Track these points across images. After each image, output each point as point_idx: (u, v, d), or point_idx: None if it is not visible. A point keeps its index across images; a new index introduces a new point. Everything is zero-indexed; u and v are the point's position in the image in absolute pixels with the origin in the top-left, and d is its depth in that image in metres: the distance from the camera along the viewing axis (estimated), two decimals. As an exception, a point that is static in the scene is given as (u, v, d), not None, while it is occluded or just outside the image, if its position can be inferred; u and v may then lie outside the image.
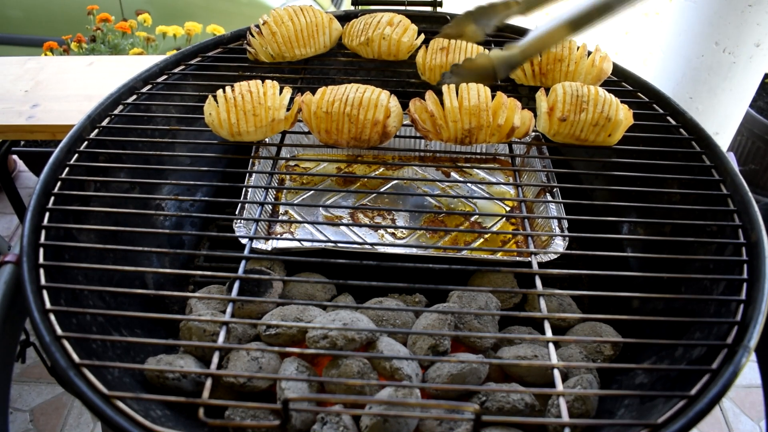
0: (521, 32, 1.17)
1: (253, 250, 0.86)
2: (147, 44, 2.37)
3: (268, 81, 0.93)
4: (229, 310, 0.76)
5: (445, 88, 0.91)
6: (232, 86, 0.92)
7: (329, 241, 1.00)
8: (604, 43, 2.42)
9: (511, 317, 0.88)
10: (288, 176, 1.18)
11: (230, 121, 0.90)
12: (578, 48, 1.04)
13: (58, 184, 0.85)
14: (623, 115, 0.91)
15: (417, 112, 0.92)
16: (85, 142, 0.92)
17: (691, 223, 0.85)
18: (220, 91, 0.91)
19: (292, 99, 0.96)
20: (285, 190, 1.14)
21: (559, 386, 0.67)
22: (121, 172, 0.96)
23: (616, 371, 0.84)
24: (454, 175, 1.20)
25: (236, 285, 0.79)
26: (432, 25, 1.23)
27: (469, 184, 1.16)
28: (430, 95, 0.91)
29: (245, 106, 0.90)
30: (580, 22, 0.89)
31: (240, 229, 0.98)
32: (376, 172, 1.20)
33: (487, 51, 1.02)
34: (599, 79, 1.04)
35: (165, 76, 1.08)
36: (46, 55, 2.24)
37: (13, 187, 2.01)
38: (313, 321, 0.79)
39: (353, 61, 1.15)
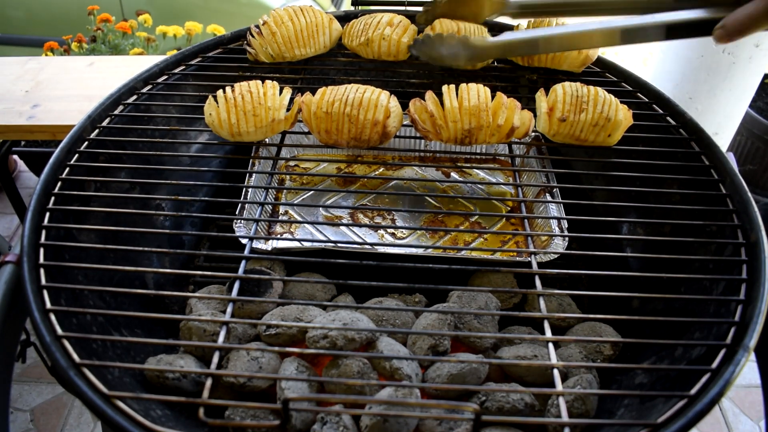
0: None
1: (253, 250, 0.86)
2: (147, 44, 2.37)
3: (268, 81, 0.93)
4: (229, 310, 0.76)
5: (445, 88, 0.91)
6: (232, 86, 0.92)
7: (329, 241, 1.00)
8: (604, 43, 2.42)
9: (511, 317, 0.88)
10: (288, 176, 1.18)
11: (230, 121, 0.90)
12: None
13: (59, 184, 0.85)
14: (623, 115, 0.91)
15: (417, 112, 0.92)
16: (86, 143, 0.92)
17: (690, 223, 0.85)
18: (220, 92, 0.92)
19: (292, 99, 0.96)
20: (285, 190, 1.14)
21: (559, 386, 0.67)
22: (121, 172, 0.96)
23: (616, 371, 0.85)
24: (454, 175, 1.20)
25: (236, 285, 0.79)
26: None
27: (469, 184, 1.17)
28: (430, 95, 0.91)
29: (245, 106, 0.90)
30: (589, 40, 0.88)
31: (240, 229, 0.99)
32: (376, 172, 1.20)
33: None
34: (584, 65, 1.05)
35: (165, 77, 1.08)
36: (46, 55, 2.25)
37: (13, 187, 2.01)
38: (313, 321, 0.79)
39: (353, 61, 1.15)
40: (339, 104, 0.89)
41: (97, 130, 0.94)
